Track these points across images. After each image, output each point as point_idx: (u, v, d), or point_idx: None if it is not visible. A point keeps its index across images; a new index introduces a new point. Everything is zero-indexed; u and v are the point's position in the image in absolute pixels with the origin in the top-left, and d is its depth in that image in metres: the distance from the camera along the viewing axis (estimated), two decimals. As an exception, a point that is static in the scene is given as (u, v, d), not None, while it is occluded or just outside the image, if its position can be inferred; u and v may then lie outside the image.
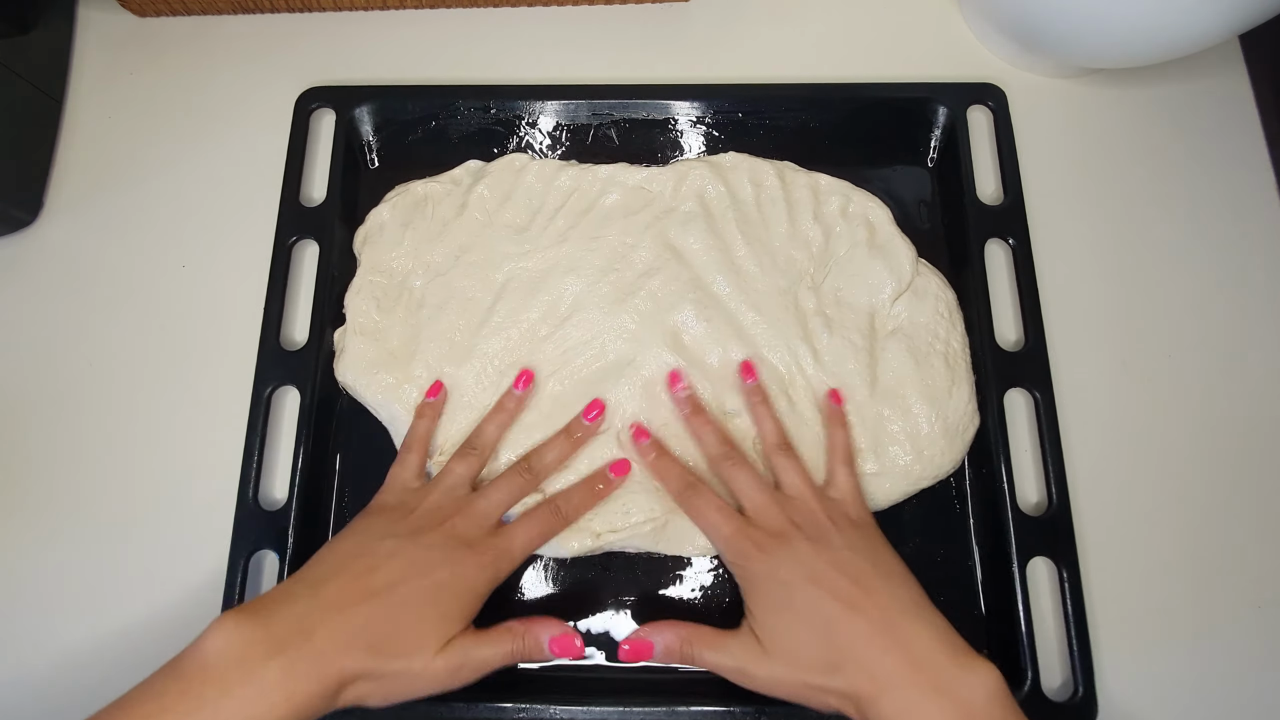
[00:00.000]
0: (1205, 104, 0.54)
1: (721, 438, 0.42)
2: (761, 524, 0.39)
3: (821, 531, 0.38)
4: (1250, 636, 0.43)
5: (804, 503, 0.40)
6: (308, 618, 0.34)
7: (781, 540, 0.38)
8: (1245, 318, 0.49)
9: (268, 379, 0.46)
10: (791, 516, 0.39)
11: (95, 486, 0.46)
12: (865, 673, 0.34)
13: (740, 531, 0.39)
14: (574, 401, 0.45)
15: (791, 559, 0.37)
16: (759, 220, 0.49)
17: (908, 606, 0.36)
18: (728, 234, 0.48)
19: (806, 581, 0.37)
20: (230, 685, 0.31)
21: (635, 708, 0.40)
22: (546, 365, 0.46)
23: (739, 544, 0.39)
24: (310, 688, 0.32)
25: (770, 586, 0.37)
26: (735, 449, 0.42)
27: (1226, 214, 0.51)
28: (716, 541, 0.41)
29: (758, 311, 0.46)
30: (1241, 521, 0.45)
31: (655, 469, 0.43)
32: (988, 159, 0.51)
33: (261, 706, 0.31)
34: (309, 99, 0.52)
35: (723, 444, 0.42)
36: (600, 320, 0.46)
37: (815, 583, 0.36)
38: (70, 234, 0.51)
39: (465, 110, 0.52)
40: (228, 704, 0.31)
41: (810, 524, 0.39)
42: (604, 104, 0.52)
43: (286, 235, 0.49)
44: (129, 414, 0.47)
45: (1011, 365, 0.46)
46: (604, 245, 0.48)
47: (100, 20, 0.57)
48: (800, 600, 0.36)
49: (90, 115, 0.54)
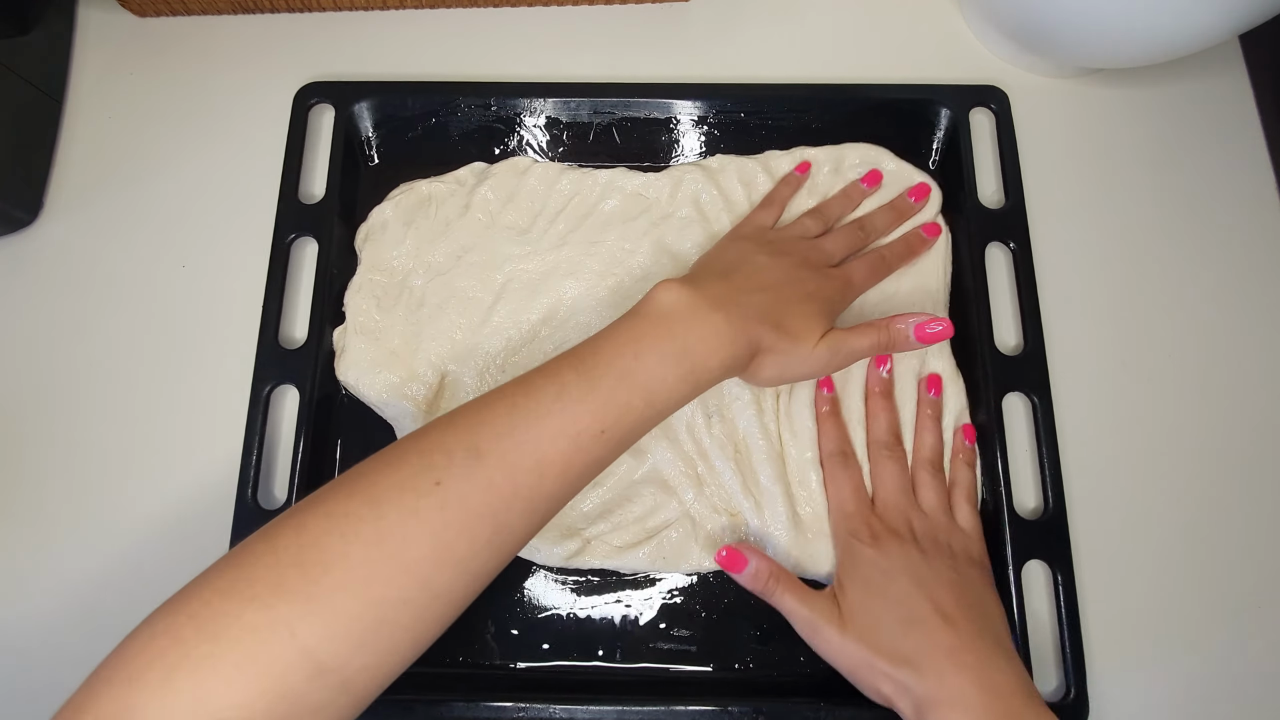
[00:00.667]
0: (1205, 104, 0.54)
1: (894, 428, 0.45)
2: (886, 518, 0.42)
3: (939, 551, 0.40)
4: (1245, 640, 0.43)
5: (935, 521, 0.42)
6: (727, 294, 0.38)
7: (898, 539, 0.40)
8: (1245, 319, 0.49)
9: (266, 377, 0.46)
10: (916, 526, 0.41)
11: (94, 486, 0.46)
12: (939, 679, 0.35)
13: (863, 514, 0.42)
14: None
15: (902, 557, 0.40)
16: None
17: (999, 641, 0.37)
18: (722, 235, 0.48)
19: (908, 579, 0.39)
20: (690, 323, 0.36)
21: (634, 707, 0.40)
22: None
23: (856, 525, 0.41)
24: (742, 339, 0.37)
25: (870, 571, 0.40)
26: (900, 444, 0.45)
27: (1226, 214, 0.51)
28: (836, 514, 0.43)
29: None
30: (1238, 525, 0.45)
31: (821, 422, 0.45)
32: (989, 162, 0.51)
33: (715, 342, 0.36)
34: (308, 94, 0.52)
35: (891, 433, 0.45)
36: (597, 324, 0.47)
37: (917, 584, 0.38)
38: (70, 234, 0.51)
39: (466, 107, 0.52)
40: (691, 335, 0.36)
41: (930, 541, 0.41)
42: (605, 102, 0.52)
43: (285, 232, 0.49)
44: (128, 413, 0.48)
45: (1010, 369, 0.46)
46: (602, 250, 0.48)
47: (100, 20, 0.57)
48: (896, 591, 0.38)
49: (90, 115, 0.54)
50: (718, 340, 0.37)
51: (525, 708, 0.40)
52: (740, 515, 0.44)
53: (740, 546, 0.41)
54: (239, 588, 0.29)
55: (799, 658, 0.43)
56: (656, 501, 0.44)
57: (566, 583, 0.44)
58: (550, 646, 0.43)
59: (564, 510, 0.43)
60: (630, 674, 0.43)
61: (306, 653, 0.28)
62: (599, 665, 0.43)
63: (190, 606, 0.28)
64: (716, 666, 0.43)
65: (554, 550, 0.43)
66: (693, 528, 0.43)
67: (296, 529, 0.30)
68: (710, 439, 0.45)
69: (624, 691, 0.42)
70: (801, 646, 0.41)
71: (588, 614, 0.44)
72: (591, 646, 0.43)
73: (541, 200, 0.50)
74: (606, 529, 0.43)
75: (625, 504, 0.44)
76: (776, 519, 0.43)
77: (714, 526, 0.43)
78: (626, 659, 0.43)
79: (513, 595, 0.44)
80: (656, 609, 0.44)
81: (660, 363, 0.35)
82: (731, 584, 0.44)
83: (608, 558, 0.43)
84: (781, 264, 0.42)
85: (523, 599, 0.44)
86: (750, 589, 0.41)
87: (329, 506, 0.31)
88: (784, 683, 0.42)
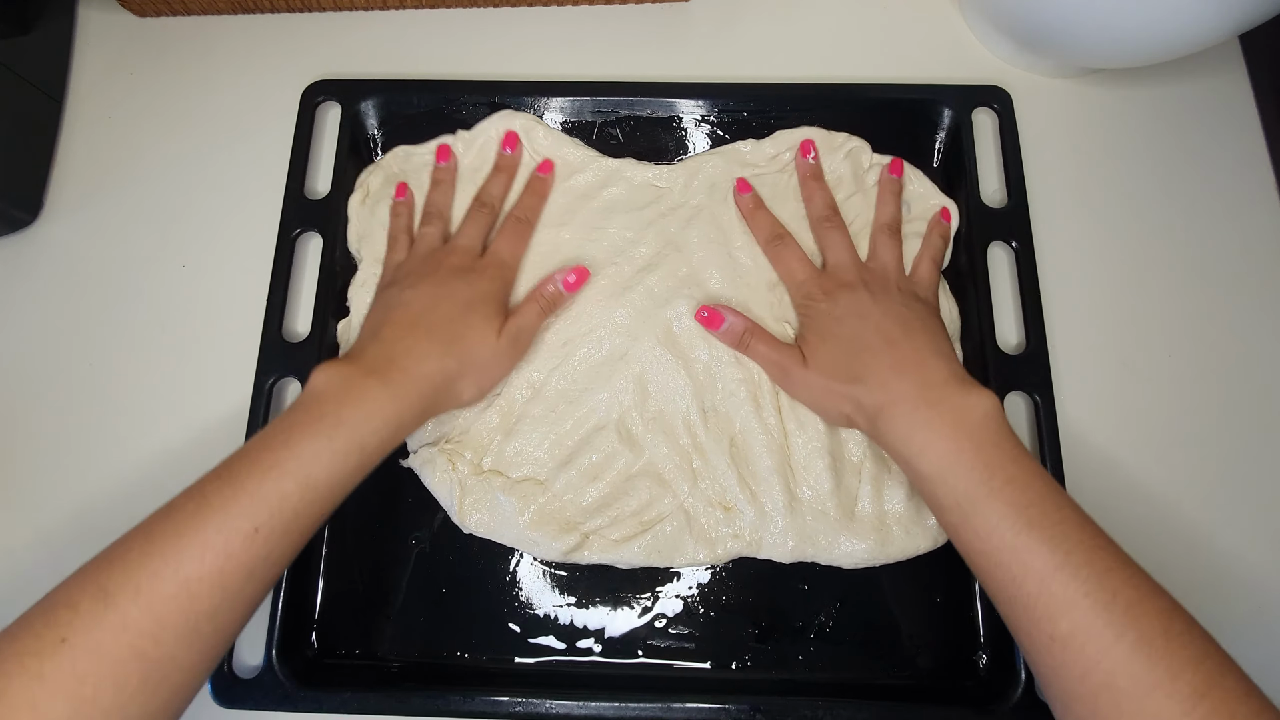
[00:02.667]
0: (1205, 104, 0.54)
1: (830, 203, 0.48)
2: (836, 275, 0.45)
3: (885, 288, 0.44)
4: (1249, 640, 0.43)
5: (886, 271, 0.45)
6: (383, 353, 0.40)
7: (848, 288, 0.44)
8: (1245, 318, 0.49)
9: (270, 370, 0.46)
10: (864, 277, 0.44)
11: (96, 486, 0.46)
12: (883, 388, 0.39)
13: (813, 278, 0.45)
14: (577, 396, 0.46)
15: (851, 301, 0.43)
16: (770, 201, 0.49)
17: (936, 349, 0.41)
18: (728, 223, 0.49)
19: (857, 318, 0.42)
20: (343, 399, 0.37)
21: (630, 703, 0.40)
22: (551, 359, 0.46)
23: (809, 288, 0.45)
24: (411, 390, 0.39)
25: (824, 320, 0.43)
26: (838, 214, 0.48)
27: (1226, 214, 0.51)
28: (790, 285, 0.46)
29: (746, 307, 0.47)
30: (1242, 524, 0.45)
31: (751, 218, 0.48)
32: (991, 161, 0.51)
33: (374, 407, 0.37)
34: (315, 91, 0.52)
35: (829, 207, 0.48)
36: (596, 314, 0.47)
37: (863, 319, 0.42)
38: (70, 234, 0.51)
39: (470, 105, 0.52)
40: (345, 410, 0.37)
41: (880, 285, 0.44)
42: (608, 101, 0.52)
43: (290, 227, 0.49)
44: (129, 413, 0.48)
45: (1012, 368, 0.46)
46: (604, 238, 0.48)
47: (100, 20, 0.57)
48: (846, 330, 0.42)
49: (90, 115, 0.54)
50: (376, 405, 0.37)
51: (522, 702, 0.40)
52: (735, 508, 0.44)
53: (718, 306, 0.45)
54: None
55: (797, 655, 0.43)
56: (652, 495, 0.44)
57: (564, 578, 0.44)
58: (547, 642, 0.43)
59: (562, 505, 0.43)
60: (628, 670, 0.43)
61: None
62: (597, 661, 0.43)
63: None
64: (715, 663, 0.43)
65: (552, 545, 0.43)
66: (687, 521, 0.43)
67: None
68: (706, 433, 0.45)
69: (622, 688, 0.42)
70: (800, 644, 0.41)
71: (586, 610, 0.44)
72: (589, 642, 0.43)
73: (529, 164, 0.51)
74: (604, 523, 0.43)
75: (622, 497, 0.44)
76: (774, 504, 0.43)
77: (708, 520, 0.43)
78: (624, 655, 0.43)
79: (511, 590, 0.44)
80: (655, 606, 0.44)
81: (314, 444, 0.35)
82: (730, 582, 0.44)
83: (605, 552, 0.43)
84: (427, 288, 0.43)
85: (521, 594, 0.44)
86: (727, 344, 0.45)
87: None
88: (782, 680, 0.42)
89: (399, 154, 0.51)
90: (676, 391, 0.46)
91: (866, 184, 0.50)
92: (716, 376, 0.46)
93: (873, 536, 0.43)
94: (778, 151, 0.50)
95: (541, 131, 0.51)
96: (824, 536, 0.43)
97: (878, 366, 0.40)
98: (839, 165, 0.50)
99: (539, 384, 0.46)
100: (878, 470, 0.44)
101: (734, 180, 0.49)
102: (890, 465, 0.44)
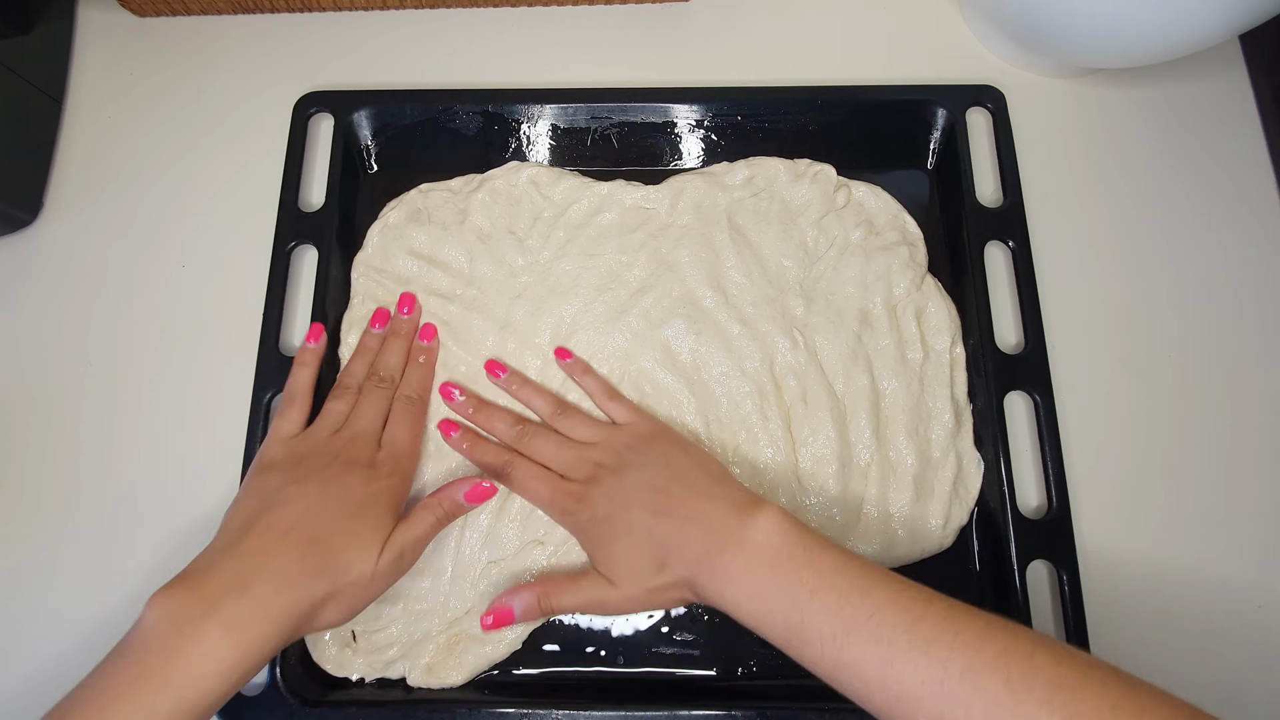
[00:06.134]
0: (1205, 104, 0.54)
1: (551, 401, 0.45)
2: (574, 477, 0.42)
3: (622, 460, 0.41)
4: (1249, 639, 0.43)
5: (602, 443, 0.43)
6: (238, 573, 0.35)
7: (593, 483, 0.41)
8: (1245, 318, 0.49)
9: (267, 384, 0.46)
10: (595, 460, 0.42)
11: (94, 488, 0.46)
12: (682, 560, 0.37)
13: (558, 490, 0.42)
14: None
15: (604, 496, 0.40)
16: (754, 226, 0.49)
17: (702, 491, 0.39)
18: (719, 244, 0.49)
19: (619, 509, 0.40)
20: (172, 651, 0.32)
21: (636, 711, 0.40)
22: (557, 388, 0.47)
23: (561, 501, 0.41)
24: (259, 631, 0.34)
25: (596, 527, 0.40)
26: (523, 421, 0.45)
27: (1226, 214, 0.51)
28: (542, 507, 0.43)
29: (742, 324, 0.47)
30: (1241, 523, 0.45)
31: (471, 455, 0.44)
32: (987, 161, 0.51)
33: (209, 662, 0.32)
34: (307, 104, 0.52)
35: (551, 405, 0.45)
36: (595, 340, 0.47)
37: (626, 507, 0.39)
38: (70, 234, 0.51)
39: (464, 114, 0.52)
40: (174, 668, 0.32)
41: (611, 458, 0.42)
42: (603, 107, 0.52)
43: (285, 240, 0.49)
44: (129, 414, 0.47)
45: (1011, 368, 0.46)
46: (600, 264, 0.49)
47: (100, 20, 0.57)
48: (620, 526, 0.39)
49: (90, 115, 0.54)
50: (213, 660, 0.32)
51: (528, 713, 0.40)
52: None
53: (496, 602, 0.41)
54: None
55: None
56: None
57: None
58: (552, 650, 0.43)
59: None
60: (633, 678, 0.42)
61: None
62: (602, 670, 0.43)
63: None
64: (720, 671, 0.43)
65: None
66: None
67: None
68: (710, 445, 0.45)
69: (627, 696, 0.41)
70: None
71: (590, 618, 0.44)
72: (594, 650, 0.43)
73: (539, 207, 0.50)
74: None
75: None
76: None
77: None
78: (629, 663, 0.43)
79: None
80: (660, 613, 0.44)
81: (133, 712, 0.31)
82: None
83: None
84: (313, 487, 0.38)
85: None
86: (535, 619, 0.41)
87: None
88: (787, 687, 0.42)
89: (422, 189, 0.51)
90: (679, 406, 0.46)
91: (837, 204, 0.50)
92: (720, 391, 0.46)
93: (879, 540, 0.43)
94: (751, 174, 0.50)
95: (545, 176, 0.50)
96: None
97: (667, 542, 0.38)
98: (807, 189, 0.50)
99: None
100: (883, 473, 0.44)
101: (717, 200, 0.49)
102: (895, 467, 0.44)
